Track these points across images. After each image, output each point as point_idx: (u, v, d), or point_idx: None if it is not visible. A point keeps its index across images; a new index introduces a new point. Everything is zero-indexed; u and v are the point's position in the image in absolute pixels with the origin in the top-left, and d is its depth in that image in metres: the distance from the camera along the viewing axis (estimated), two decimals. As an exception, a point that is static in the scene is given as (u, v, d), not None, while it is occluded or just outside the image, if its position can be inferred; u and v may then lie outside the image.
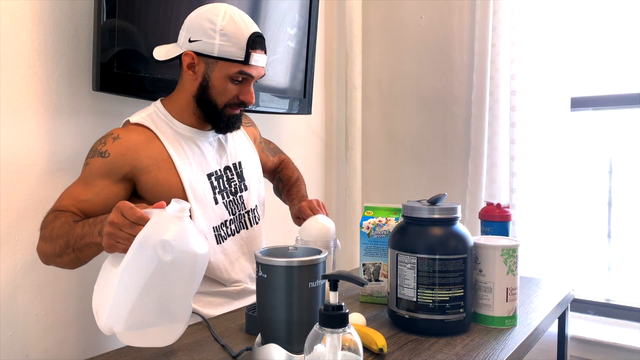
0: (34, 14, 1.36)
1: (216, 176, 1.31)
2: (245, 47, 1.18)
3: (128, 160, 1.18)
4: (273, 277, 0.86)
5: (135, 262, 0.84)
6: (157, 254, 0.83)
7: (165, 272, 0.84)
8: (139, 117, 1.26)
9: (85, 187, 1.18)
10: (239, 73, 1.21)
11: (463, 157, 2.13)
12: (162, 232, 0.84)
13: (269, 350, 0.87)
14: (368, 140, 2.38)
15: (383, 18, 2.35)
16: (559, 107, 1.88)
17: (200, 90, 1.24)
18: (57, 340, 1.44)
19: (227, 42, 1.18)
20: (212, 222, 1.28)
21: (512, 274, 1.10)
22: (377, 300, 1.28)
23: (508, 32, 1.93)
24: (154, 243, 0.83)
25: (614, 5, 1.92)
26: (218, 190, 1.30)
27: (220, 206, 1.30)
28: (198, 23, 1.19)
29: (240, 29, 1.19)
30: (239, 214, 1.35)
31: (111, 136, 1.21)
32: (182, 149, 1.25)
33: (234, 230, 1.33)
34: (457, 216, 1.09)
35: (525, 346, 1.06)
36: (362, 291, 1.30)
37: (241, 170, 1.38)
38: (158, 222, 0.86)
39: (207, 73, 1.22)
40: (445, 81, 2.19)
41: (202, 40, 1.18)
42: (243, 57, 1.19)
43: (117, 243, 0.92)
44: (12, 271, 1.35)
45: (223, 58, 1.19)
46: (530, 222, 1.92)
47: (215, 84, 1.22)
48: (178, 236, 0.85)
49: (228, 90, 1.23)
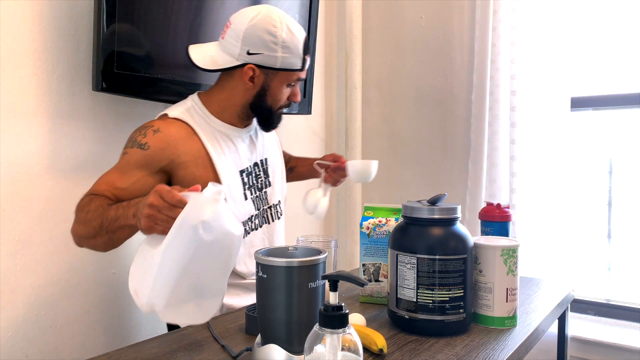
0: (34, 14, 1.36)
1: (247, 172, 1.34)
2: (302, 54, 1.25)
3: (167, 154, 1.20)
4: (273, 277, 0.86)
5: (176, 243, 0.86)
6: (198, 234, 0.85)
7: (205, 251, 0.87)
8: (178, 111, 1.27)
9: (122, 176, 1.18)
10: (297, 80, 1.29)
11: (463, 157, 2.13)
12: (201, 213, 0.86)
13: (269, 351, 0.87)
14: (368, 140, 2.39)
15: (383, 18, 2.35)
16: (559, 107, 1.88)
17: (257, 98, 1.27)
18: (57, 340, 1.44)
19: (289, 54, 1.23)
20: (240, 217, 1.30)
21: (512, 274, 1.10)
22: (377, 301, 1.28)
23: (508, 32, 1.93)
24: (195, 224, 0.85)
25: (614, 5, 1.92)
26: (247, 187, 1.34)
27: (248, 202, 1.33)
28: (257, 35, 1.20)
29: (297, 37, 1.24)
30: (262, 209, 1.38)
31: (151, 128, 1.21)
32: (219, 145, 1.28)
33: (257, 225, 1.37)
34: (457, 216, 1.09)
35: (525, 346, 1.06)
36: (362, 291, 1.30)
37: (266, 167, 1.41)
38: (197, 204, 0.88)
39: (267, 83, 1.26)
40: (445, 81, 2.19)
41: (264, 53, 1.21)
42: (301, 65, 1.25)
43: (155, 225, 0.94)
44: (12, 271, 1.35)
45: (285, 69, 1.24)
46: (530, 222, 1.92)
47: (274, 92, 1.27)
48: (216, 217, 0.87)
49: (284, 95, 1.30)
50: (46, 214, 1.41)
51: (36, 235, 1.39)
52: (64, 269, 1.45)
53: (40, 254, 1.40)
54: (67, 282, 1.46)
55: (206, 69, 1.24)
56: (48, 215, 1.41)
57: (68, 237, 1.45)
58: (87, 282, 1.51)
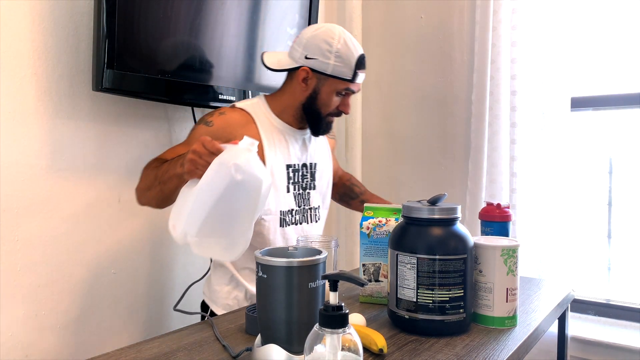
0: (34, 14, 1.36)
1: (294, 169, 1.45)
2: (354, 67, 1.35)
3: (226, 133, 1.32)
4: (273, 277, 0.86)
5: (211, 179, 1.00)
6: (230, 173, 0.98)
7: (234, 190, 0.99)
8: (245, 104, 1.42)
9: (186, 147, 1.29)
10: (346, 90, 1.38)
11: (463, 157, 2.13)
12: (235, 157, 1.00)
13: (269, 351, 0.87)
14: (368, 140, 2.38)
15: (383, 18, 2.35)
16: (559, 107, 1.88)
17: (309, 100, 1.39)
18: (57, 340, 1.44)
19: (341, 63, 1.34)
20: (280, 206, 1.41)
21: (512, 274, 1.10)
22: (377, 301, 1.28)
23: (508, 32, 1.93)
24: (229, 164, 0.99)
25: (614, 5, 1.92)
26: (292, 181, 1.44)
27: (290, 195, 1.44)
28: (315, 43, 1.34)
29: (352, 51, 1.35)
30: (303, 208, 1.48)
31: (219, 111, 1.39)
32: (272, 137, 1.40)
33: (298, 221, 1.47)
34: (457, 216, 1.09)
35: (525, 346, 1.06)
36: (362, 291, 1.30)
37: (314, 171, 1.52)
38: (232, 150, 1.02)
39: (318, 87, 1.38)
40: (445, 81, 2.19)
41: (319, 59, 1.34)
42: (351, 76, 1.36)
43: (196, 169, 1.07)
44: (12, 271, 1.35)
45: (334, 76, 1.35)
46: (530, 222, 1.92)
47: (323, 97, 1.38)
48: (247, 162, 1.00)
49: (333, 102, 1.39)
50: (46, 214, 1.41)
51: (36, 235, 1.39)
52: (64, 269, 1.45)
53: (40, 254, 1.40)
54: (67, 282, 1.46)
55: (272, 68, 1.41)
56: (48, 215, 1.41)
57: (68, 237, 1.46)
58: (87, 282, 1.51)
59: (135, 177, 1.61)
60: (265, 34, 1.79)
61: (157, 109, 1.68)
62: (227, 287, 1.42)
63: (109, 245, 1.56)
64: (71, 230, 1.47)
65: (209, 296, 1.46)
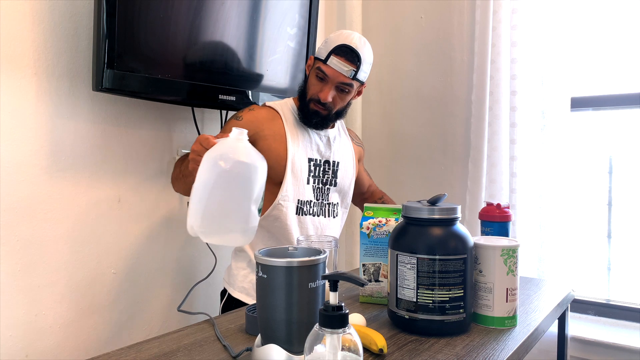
0: (34, 13, 1.36)
1: (315, 163, 1.53)
2: (330, 50, 1.43)
3: (253, 126, 1.44)
4: (273, 277, 0.87)
5: (203, 173, 1.06)
6: (217, 164, 1.04)
7: (226, 178, 1.05)
8: (274, 103, 1.55)
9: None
10: (318, 69, 1.45)
11: (463, 157, 2.13)
12: (222, 149, 1.07)
13: (269, 351, 0.87)
14: (368, 140, 2.38)
15: (383, 18, 2.35)
16: (559, 107, 1.88)
17: (303, 84, 1.53)
18: (57, 340, 1.44)
19: (323, 47, 1.46)
20: (298, 194, 1.50)
21: (512, 274, 1.10)
22: (377, 301, 1.28)
23: (508, 32, 1.93)
24: (215, 155, 1.06)
25: (614, 5, 1.92)
26: (312, 175, 1.53)
27: (309, 187, 1.52)
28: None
29: (339, 39, 1.44)
30: (321, 202, 1.55)
31: (248, 108, 1.52)
32: (297, 132, 1.51)
33: (316, 213, 1.54)
34: (457, 216, 1.09)
35: (525, 346, 1.06)
36: (362, 291, 1.30)
37: (337, 169, 1.59)
38: (221, 143, 1.09)
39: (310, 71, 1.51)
40: (445, 81, 2.19)
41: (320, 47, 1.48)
42: (324, 57, 1.43)
43: (196, 165, 1.14)
44: (12, 271, 1.35)
45: (316, 57, 1.47)
46: (530, 222, 1.92)
47: (310, 79, 1.50)
48: (234, 151, 1.06)
49: (313, 85, 1.48)
50: (46, 214, 1.41)
51: (36, 235, 1.39)
52: (64, 269, 1.45)
53: (40, 254, 1.40)
54: (67, 282, 1.46)
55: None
56: (48, 215, 1.41)
57: (68, 237, 1.46)
58: (87, 282, 1.51)
59: (135, 177, 1.62)
60: (265, 34, 1.79)
61: (157, 109, 1.68)
62: (244, 270, 1.51)
63: (109, 245, 1.56)
64: (71, 230, 1.47)
65: (228, 280, 1.56)
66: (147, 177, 1.66)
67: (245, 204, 1.07)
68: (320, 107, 1.47)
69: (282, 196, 1.45)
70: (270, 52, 1.82)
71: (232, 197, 1.06)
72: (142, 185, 1.65)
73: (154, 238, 1.68)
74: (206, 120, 1.83)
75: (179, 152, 1.74)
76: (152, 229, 1.67)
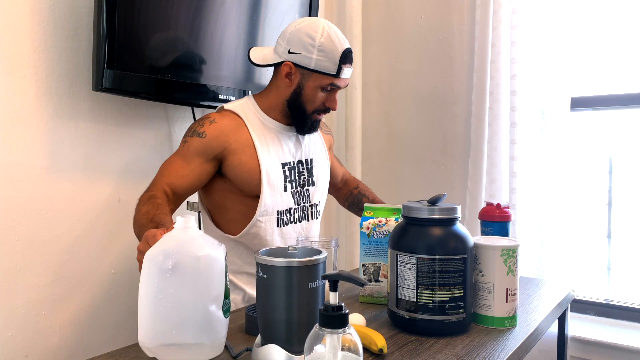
0: (34, 13, 1.36)
1: (289, 167, 1.43)
2: (339, 62, 1.32)
3: (221, 142, 1.33)
4: (273, 277, 0.86)
5: (145, 277, 0.91)
6: (158, 263, 0.88)
7: (169, 278, 0.88)
8: (233, 105, 1.41)
9: (184, 163, 1.32)
10: (330, 85, 1.35)
11: (463, 157, 2.13)
12: (164, 244, 0.90)
13: (269, 351, 0.87)
14: (368, 140, 2.38)
15: (383, 18, 2.35)
16: (559, 107, 1.88)
17: (294, 96, 1.37)
18: (57, 340, 1.44)
19: (324, 58, 1.31)
20: (277, 206, 1.40)
21: (512, 274, 1.10)
22: (377, 301, 1.28)
23: (508, 32, 1.93)
24: (153, 254, 0.89)
25: (614, 5, 1.92)
26: (289, 180, 1.42)
27: (288, 194, 1.42)
28: (298, 37, 1.32)
29: (335, 45, 1.32)
30: (303, 206, 1.47)
31: (208, 119, 1.36)
32: (264, 137, 1.39)
33: (297, 219, 1.45)
34: (457, 216, 1.09)
35: (525, 346, 1.06)
36: (362, 291, 1.30)
37: (311, 167, 1.49)
38: (164, 238, 0.92)
39: (302, 82, 1.35)
40: (445, 81, 2.19)
41: (301, 53, 1.32)
42: (335, 71, 1.32)
43: None
44: (12, 271, 1.35)
45: (318, 71, 1.32)
46: (530, 222, 1.92)
47: (308, 92, 1.36)
48: (178, 244, 0.90)
49: (318, 99, 1.37)
50: (46, 214, 1.41)
51: (36, 235, 1.39)
52: (64, 269, 1.45)
53: (40, 254, 1.40)
54: (67, 282, 1.46)
55: (256, 64, 1.39)
56: (48, 215, 1.41)
57: (68, 237, 1.46)
58: (87, 282, 1.51)
59: (135, 177, 1.62)
60: (265, 34, 1.79)
61: (157, 109, 1.68)
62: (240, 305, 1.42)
63: (109, 245, 1.56)
64: (71, 230, 1.47)
65: None
66: (147, 177, 1.65)
67: (200, 306, 0.89)
68: (323, 114, 1.42)
69: (261, 212, 1.35)
70: (270, 52, 1.82)
71: (183, 302, 0.88)
72: (142, 185, 1.64)
73: (154, 238, 1.68)
74: (206, 120, 1.83)
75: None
76: (152, 229, 1.67)
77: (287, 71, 1.34)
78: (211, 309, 0.90)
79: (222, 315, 0.93)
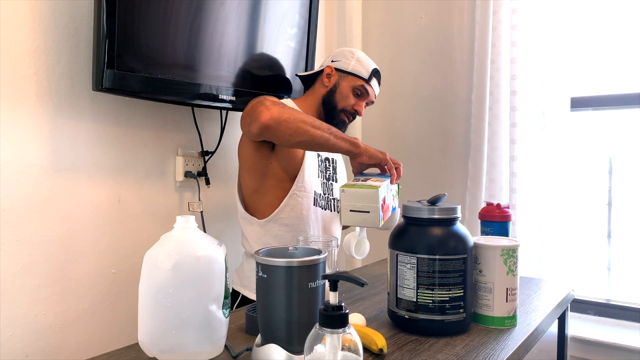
0: (34, 14, 1.36)
1: (321, 159, 1.61)
2: (370, 72, 1.60)
3: None
4: (273, 277, 0.86)
5: (145, 277, 0.92)
6: (156, 264, 0.89)
7: (169, 279, 0.89)
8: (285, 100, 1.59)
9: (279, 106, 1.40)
10: (361, 87, 1.59)
11: (463, 157, 2.13)
12: (164, 245, 0.92)
13: (269, 351, 0.87)
14: (368, 140, 2.38)
15: (383, 18, 2.35)
16: (559, 107, 1.88)
17: (329, 94, 1.60)
18: (57, 340, 1.44)
19: (359, 65, 1.60)
20: (314, 186, 1.54)
21: (512, 274, 1.10)
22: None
23: (508, 32, 1.93)
24: (156, 255, 0.91)
25: (614, 5, 1.92)
26: (320, 170, 1.60)
27: (319, 181, 1.58)
28: (341, 51, 1.64)
29: (369, 61, 1.62)
30: (327, 197, 1.60)
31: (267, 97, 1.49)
32: None
33: (324, 206, 1.58)
34: (457, 216, 1.09)
35: (525, 346, 1.06)
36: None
37: (336, 166, 1.67)
38: (164, 239, 0.94)
39: (338, 82, 1.60)
40: (445, 81, 2.19)
41: (342, 61, 1.61)
42: (367, 77, 1.59)
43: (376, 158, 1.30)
44: (12, 271, 1.35)
45: (353, 73, 1.59)
46: (530, 222, 1.92)
47: (342, 91, 1.59)
48: (177, 245, 0.91)
49: (349, 98, 1.59)
50: (46, 214, 1.41)
51: (36, 235, 1.39)
52: (64, 269, 1.45)
53: (40, 254, 1.40)
54: (67, 282, 1.46)
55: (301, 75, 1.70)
56: (48, 215, 1.41)
57: (68, 237, 1.46)
58: (87, 282, 1.51)
59: (135, 177, 1.62)
60: (265, 34, 1.79)
61: (157, 109, 1.68)
62: None
63: (109, 245, 1.56)
64: (71, 230, 1.47)
65: (240, 283, 1.58)
66: (147, 177, 1.66)
67: (200, 306, 0.90)
68: (350, 118, 1.61)
69: (298, 186, 1.49)
70: (270, 52, 1.82)
71: (183, 301, 0.89)
72: (142, 185, 1.65)
73: (154, 238, 1.68)
74: (206, 120, 1.83)
75: (179, 152, 1.74)
76: (152, 229, 1.67)
77: (328, 72, 1.60)
78: (211, 308, 0.91)
79: (222, 315, 0.93)
